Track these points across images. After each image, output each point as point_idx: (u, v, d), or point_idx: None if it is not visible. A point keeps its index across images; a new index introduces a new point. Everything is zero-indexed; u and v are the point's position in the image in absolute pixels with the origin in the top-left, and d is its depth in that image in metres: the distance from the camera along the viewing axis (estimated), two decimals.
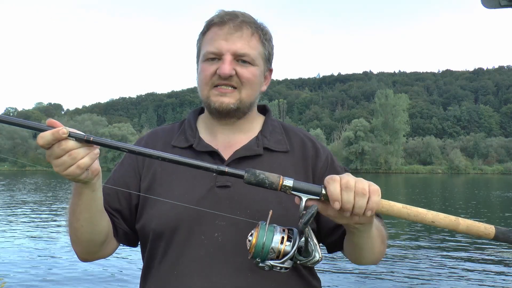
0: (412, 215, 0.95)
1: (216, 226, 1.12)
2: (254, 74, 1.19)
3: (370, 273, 7.57)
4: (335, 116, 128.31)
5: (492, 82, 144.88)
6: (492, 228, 0.96)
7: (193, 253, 1.12)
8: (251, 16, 1.24)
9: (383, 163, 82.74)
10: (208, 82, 1.18)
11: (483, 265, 8.35)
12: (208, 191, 1.15)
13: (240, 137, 1.25)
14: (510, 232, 0.96)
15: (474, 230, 0.95)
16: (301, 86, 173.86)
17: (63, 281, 7.03)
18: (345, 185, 0.92)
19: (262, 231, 0.93)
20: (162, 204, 1.15)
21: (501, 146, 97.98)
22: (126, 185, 1.22)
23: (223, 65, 1.15)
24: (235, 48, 1.16)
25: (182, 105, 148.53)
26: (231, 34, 1.16)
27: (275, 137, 1.27)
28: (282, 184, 0.94)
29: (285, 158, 1.16)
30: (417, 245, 10.33)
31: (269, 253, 0.93)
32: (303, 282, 1.19)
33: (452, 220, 0.95)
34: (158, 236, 1.16)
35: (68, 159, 0.93)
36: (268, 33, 1.24)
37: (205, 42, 1.20)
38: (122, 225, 1.23)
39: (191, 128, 1.28)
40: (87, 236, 1.13)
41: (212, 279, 1.09)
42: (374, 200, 0.93)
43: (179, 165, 0.97)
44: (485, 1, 1.45)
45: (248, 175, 0.95)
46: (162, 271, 1.15)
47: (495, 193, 29.03)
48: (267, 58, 1.25)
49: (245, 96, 1.19)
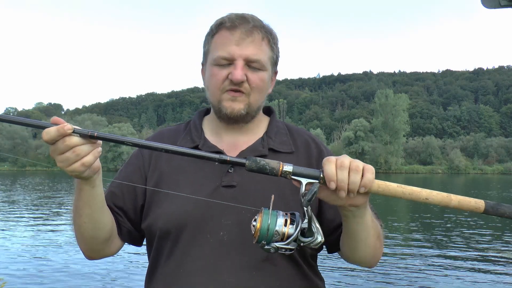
0: (407, 194, 0.98)
1: (222, 225, 1.13)
2: (263, 79, 1.20)
3: (375, 274, 7.56)
4: (335, 116, 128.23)
5: (492, 82, 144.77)
6: (482, 202, 0.99)
7: (199, 251, 1.13)
8: (260, 19, 1.23)
9: (383, 163, 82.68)
10: (220, 86, 1.19)
11: (483, 264, 8.36)
12: (213, 190, 1.16)
13: (245, 138, 1.26)
14: (499, 205, 0.99)
15: (465, 205, 0.99)
16: (301, 86, 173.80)
17: (64, 281, 7.03)
18: (340, 165, 0.96)
19: (266, 215, 0.97)
20: (169, 203, 1.17)
21: (501, 146, 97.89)
22: (133, 186, 1.24)
23: (235, 71, 1.15)
24: (247, 53, 1.17)
25: (182, 105, 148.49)
26: (243, 40, 1.17)
27: (280, 138, 1.28)
28: (282, 170, 0.97)
29: (290, 159, 1.15)
30: (421, 248, 10.31)
31: (273, 235, 0.96)
32: (306, 281, 1.19)
33: (445, 196, 0.99)
34: (165, 235, 1.17)
35: (72, 155, 0.95)
36: (276, 37, 1.25)
37: (215, 45, 1.20)
38: (126, 224, 1.25)
39: (197, 129, 1.29)
40: (90, 233, 1.15)
41: (217, 278, 1.10)
42: (367, 177, 0.96)
43: (182, 156, 1.00)
44: (485, 1, 1.45)
45: (249, 162, 0.98)
46: (168, 270, 1.16)
47: (495, 193, 29.01)
48: (275, 62, 1.26)
49: (253, 101, 1.21)
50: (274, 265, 1.13)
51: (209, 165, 1.17)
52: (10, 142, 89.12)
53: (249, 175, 1.12)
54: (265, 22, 1.25)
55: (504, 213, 0.99)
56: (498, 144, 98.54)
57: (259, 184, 1.17)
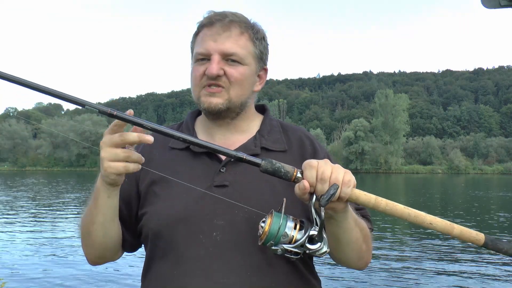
0: (412, 216, 1.00)
1: (215, 226, 1.12)
2: (242, 73, 1.19)
3: (373, 274, 7.57)
4: (335, 116, 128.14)
5: (492, 82, 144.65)
6: (482, 235, 1.01)
7: (192, 252, 1.12)
8: (243, 15, 1.23)
9: (383, 163, 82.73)
10: (198, 83, 1.19)
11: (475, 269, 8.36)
12: (205, 190, 1.15)
13: (237, 137, 1.25)
14: (498, 241, 1.01)
15: (466, 236, 1.00)
16: (301, 86, 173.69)
17: (63, 281, 7.03)
18: (321, 177, 0.97)
19: (276, 217, 0.97)
20: (160, 204, 1.17)
21: (501, 146, 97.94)
22: (127, 193, 1.23)
23: (211, 66, 1.16)
24: (223, 48, 1.16)
25: (182, 105, 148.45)
26: (219, 35, 1.17)
27: (273, 136, 1.27)
28: (296, 176, 0.98)
29: (283, 157, 1.14)
30: (417, 251, 10.31)
31: (282, 237, 0.96)
32: (302, 281, 1.18)
33: (448, 224, 1.00)
34: (157, 235, 1.17)
35: (122, 155, 0.99)
36: (260, 32, 1.24)
37: (196, 43, 1.22)
38: (127, 237, 1.25)
39: (189, 129, 1.29)
40: (100, 240, 1.17)
41: (211, 279, 1.09)
42: (344, 191, 0.97)
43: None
44: (485, 1, 1.45)
45: (265, 163, 0.98)
46: (162, 271, 1.16)
47: (494, 193, 28.99)
48: (259, 57, 1.24)
49: (234, 96, 1.19)
50: (269, 266, 1.12)
51: (201, 165, 1.19)
52: (10, 142, 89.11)
53: (241, 174, 1.14)
54: (252, 20, 1.24)
55: (501, 249, 1.01)
56: (498, 144, 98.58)
57: (252, 184, 1.16)
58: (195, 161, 1.17)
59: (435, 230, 1.00)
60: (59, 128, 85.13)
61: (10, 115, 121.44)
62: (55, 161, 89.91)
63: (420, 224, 1.00)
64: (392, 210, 0.99)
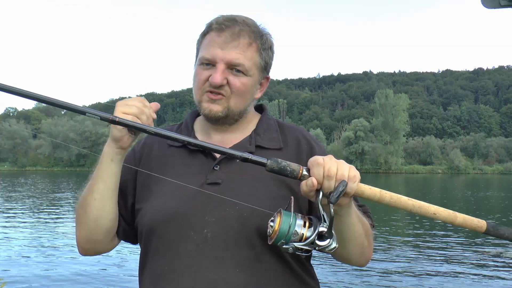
0: (416, 207, 1.03)
1: (206, 222, 1.13)
2: (245, 84, 1.20)
3: (373, 274, 7.56)
4: (335, 116, 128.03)
5: (492, 82, 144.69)
6: (484, 222, 1.05)
7: (183, 248, 1.13)
8: (254, 22, 1.23)
9: (383, 163, 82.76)
10: (201, 87, 1.21)
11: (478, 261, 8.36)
12: (199, 187, 1.16)
13: (234, 137, 1.27)
14: (499, 226, 1.05)
15: (468, 223, 1.04)
16: (301, 86, 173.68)
17: (63, 281, 7.04)
18: (327, 173, 0.98)
19: (286, 216, 0.98)
20: (154, 200, 1.19)
21: (501, 146, 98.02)
22: (125, 183, 1.25)
23: (215, 74, 1.16)
24: (230, 57, 1.17)
25: (182, 105, 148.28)
26: (227, 43, 1.17)
27: (269, 135, 1.27)
28: (302, 173, 0.99)
29: (278, 155, 1.13)
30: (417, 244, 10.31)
31: (292, 235, 0.97)
32: (295, 278, 1.18)
33: (451, 213, 1.03)
34: (151, 231, 1.18)
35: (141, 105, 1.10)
36: (268, 41, 1.24)
37: (203, 46, 1.21)
38: (121, 222, 1.27)
39: (188, 128, 1.32)
40: (95, 213, 1.17)
41: (202, 275, 1.10)
42: (350, 186, 0.99)
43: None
44: (485, 1, 1.46)
45: (270, 162, 0.99)
46: (155, 267, 1.17)
47: (493, 193, 29.01)
48: (263, 67, 1.25)
49: (233, 105, 1.21)
50: (259, 263, 1.12)
51: (196, 162, 1.21)
52: (10, 142, 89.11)
53: (235, 172, 1.16)
54: (261, 25, 1.24)
55: (503, 235, 1.05)
56: (498, 144, 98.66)
57: (244, 182, 1.17)
58: (190, 158, 1.19)
59: (438, 219, 1.03)
60: (59, 128, 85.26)
61: (10, 115, 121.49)
62: (55, 161, 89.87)
63: (424, 215, 1.02)
64: (397, 203, 1.02)
